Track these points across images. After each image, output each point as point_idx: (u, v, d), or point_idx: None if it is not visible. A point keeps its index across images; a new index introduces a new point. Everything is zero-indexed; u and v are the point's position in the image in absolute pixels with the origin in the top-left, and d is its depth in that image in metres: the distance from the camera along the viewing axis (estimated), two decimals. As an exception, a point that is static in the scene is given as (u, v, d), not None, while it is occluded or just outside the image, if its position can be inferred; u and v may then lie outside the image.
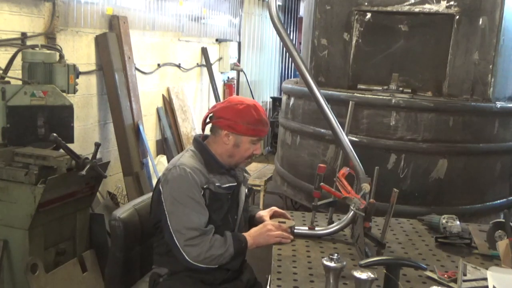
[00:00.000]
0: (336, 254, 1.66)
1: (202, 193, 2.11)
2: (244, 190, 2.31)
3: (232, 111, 2.17)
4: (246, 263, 2.35)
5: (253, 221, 2.36)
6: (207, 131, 2.31)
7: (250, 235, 2.19)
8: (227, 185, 2.20)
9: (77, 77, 3.38)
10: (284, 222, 2.29)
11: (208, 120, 2.24)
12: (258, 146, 2.24)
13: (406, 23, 3.78)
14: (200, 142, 2.24)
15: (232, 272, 2.20)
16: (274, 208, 2.41)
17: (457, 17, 3.62)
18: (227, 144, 2.18)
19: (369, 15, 3.84)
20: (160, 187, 2.13)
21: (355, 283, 1.59)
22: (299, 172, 4.12)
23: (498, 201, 3.84)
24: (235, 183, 2.24)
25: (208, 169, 2.17)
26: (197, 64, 6.52)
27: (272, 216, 2.37)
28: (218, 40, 7.11)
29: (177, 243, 2.04)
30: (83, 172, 2.90)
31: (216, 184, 2.16)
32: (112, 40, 4.45)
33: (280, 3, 9.62)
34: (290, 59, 9.17)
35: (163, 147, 5.71)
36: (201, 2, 6.49)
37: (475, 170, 3.66)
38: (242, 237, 2.16)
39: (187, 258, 2.03)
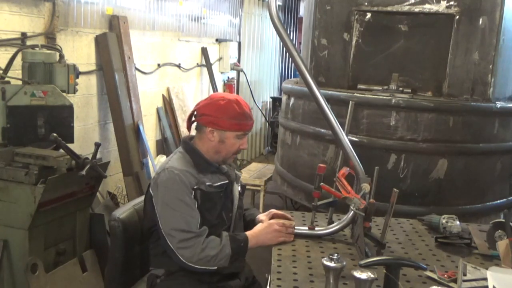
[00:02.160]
0: (336, 254, 1.66)
1: (193, 194, 2.10)
2: (237, 188, 2.32)
3: (214, 107, 2.17)
4: (244, 262, 2.35)
5: (253, 225, 2.34)
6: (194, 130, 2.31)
7: (253, 234, 2.18)
8: (218, 183, 2.21)
9: (77, 77, 3.38)
10: (284, 222, 2.29)
11: (193, 118, 2.25)
12: (244, 141, 2.24)
13: (406, 23, 3.78)
14: (187, 143, 2.25)
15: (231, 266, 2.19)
16: (273, 211, 2.39)
17: (457, 17, 3.61)
18: (212, 140, 2.19)
19: (369, 15, 3.84)
20: (151, 191, 2.15)
21: (355, 283, 1.59)
22: (299, 172, 4.11)
23: (498, 201, 3.83)
24: (227, 181, 2.24)
25: (197, 169, 2.17)
26: (197, 64, 6.52)
27: (271, 218, 2.35)
28: (218, 40, 7.11)
29: (171, 246, 2.05)
30: (83, 172, 2.91)
31: (207, 183, 2.16)
32: (112, 40, 4.45)
33: (280, 3, 9.61)
34: (290, 59, 9.17)
35: (163, 147, 5.71)
36: (201, 2, 6.49)
37: (475, 170, 3.66)
38: (241, 237, 2.14)
39: (181, 259, 2.04)
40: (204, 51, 6.62)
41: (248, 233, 2.19)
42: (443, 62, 3.71)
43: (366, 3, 3.80)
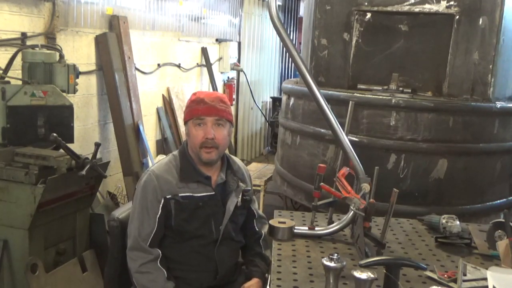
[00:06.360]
0: (336, 254, 1.66)
1: (162, 203, 2.05)
2: (234, 200, 2.17)
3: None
4: (241, 268, 2.29)
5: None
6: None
7: None
8: (201, 194, 2.10)
9: (77, 77, 3.39)
10: (284, 223, 2.29)
11: None
12: (208, 130, 2.07)
13: (406, 23, 3.78)
14: (183, 146, 2.20)
15: (220, 276, 2.13)
16: None
17: (457, 17, 3.61)
18: (187, 136, 2.18)
19: (369, 15, 3.84)
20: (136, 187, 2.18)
21: (355, 283, 1.59)
22: (299, 172, 4.11)
23: (498, 201, 3.83)
24: (213, 193, 2.13)
25: (182, 176, 2.09)
26: (197, 64, 6.52)
27: None
28: (218, 40, 7.11)
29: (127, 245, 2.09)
30: (83, 172, 2.90)
31: (186, 194, 2.07)
32: (112, 40, 4.45)
33: (280, 3, 9.61)
34: (290, 59, 9.17)
35: (163, 147, 5.71)
36: (201, 2, 6.49)
37: (475, 170, 3.66)
38: None
39: (128, 264, 2.07)
40: (204, 51, 6.62)
41: None
42: (443, 62, 3.71)
43: (366, 3, 3.80)
